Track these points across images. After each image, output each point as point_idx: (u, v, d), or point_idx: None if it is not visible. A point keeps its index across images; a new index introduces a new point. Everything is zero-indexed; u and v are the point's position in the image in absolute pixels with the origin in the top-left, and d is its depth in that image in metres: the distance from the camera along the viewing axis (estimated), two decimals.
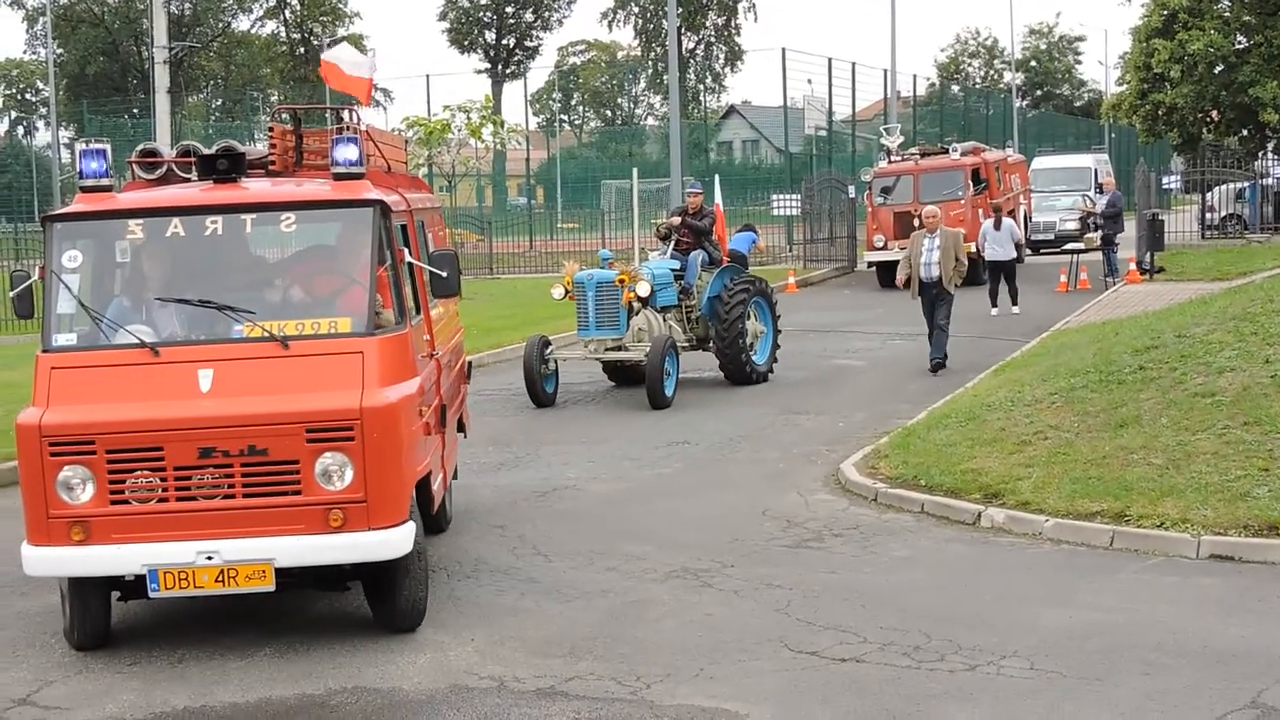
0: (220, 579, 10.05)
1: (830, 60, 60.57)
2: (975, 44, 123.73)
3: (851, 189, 47.62)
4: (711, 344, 23.12)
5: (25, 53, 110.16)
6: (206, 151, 11.57)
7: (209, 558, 9.97)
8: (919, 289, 23.53)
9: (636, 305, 22.05)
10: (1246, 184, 47.34)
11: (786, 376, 23.93)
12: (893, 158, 41.44)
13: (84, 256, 10.81)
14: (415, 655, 10.28)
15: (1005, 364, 22.23)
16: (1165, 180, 56.28)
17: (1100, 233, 36.10)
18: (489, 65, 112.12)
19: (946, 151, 40.80)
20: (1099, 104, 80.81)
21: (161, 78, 39.83)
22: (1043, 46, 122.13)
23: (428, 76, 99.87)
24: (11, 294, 10.84)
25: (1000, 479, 14.38)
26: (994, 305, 31.32)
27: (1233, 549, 12.13)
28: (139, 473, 9.96)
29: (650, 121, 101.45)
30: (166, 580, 10.03)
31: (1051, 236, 46.18)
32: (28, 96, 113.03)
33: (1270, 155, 50.16)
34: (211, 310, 10.53)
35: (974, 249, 37.79)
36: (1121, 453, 14.38)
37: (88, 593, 10.59)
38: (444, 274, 11.36)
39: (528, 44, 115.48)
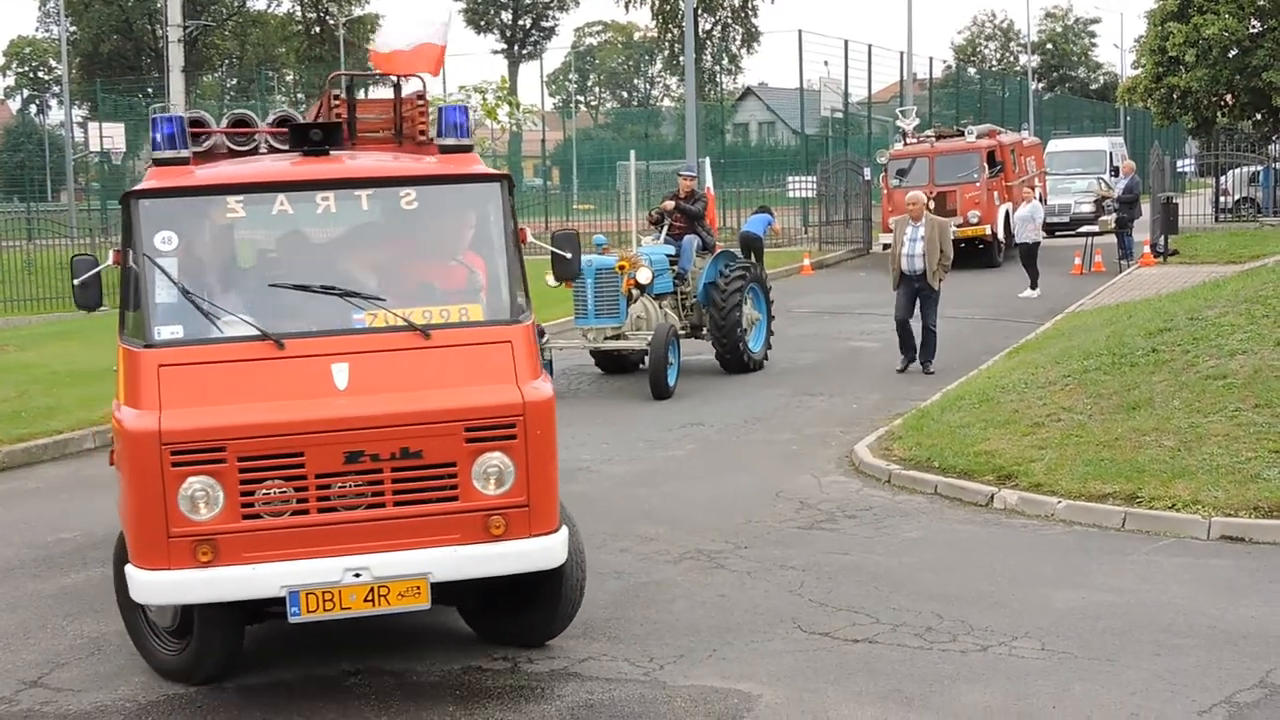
0: (370, 598, 8.89)
1: (846, 42, 60.45)
2: (991, 26, 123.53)
3: (867, 171, 47.56)
4: (707, 331, 22.88)
5: (38, 30, 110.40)
6: (299, 120, 10.65)
7: (356, 575, 8.82)
8: (898, 280, 21.88)
9: (635, 293, 21.79)
10: (1260, 168, 47.26)
11: (800, 359, 23.95)
12: (908, 140, 41.35)
13: (178, 238, 9.43)
14: (428, 636, 10.31)
15: (1019, 346, 22.24)
16: (1180, 164, 56.25)
17: (1116, 215, 36.07)
18: (505, 46, 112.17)
19: (962, 134, 40.73)
20: (1114, 87, 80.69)
21: (175, 56, 39.82)
22: (1059, 29, 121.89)
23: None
24: (75, 281, 9.59)
25: (1013, 461, 14.41)
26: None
27: (1243, 530, 12.17)
28: (271, 482, 8.76)
29: (666, 103, 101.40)
30: (309, 602, 8.80)
31: (1067, 219, 46.11)
32: (40, 75, 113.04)
33: None
34: (329, 297, 9.33)
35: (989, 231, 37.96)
36: (1134, 435, 14.40)
37: (217, 621, 9.35)
38: (568, 255, 10.39)
39: (544, 24, 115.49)
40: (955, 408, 17.04)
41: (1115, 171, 45.95)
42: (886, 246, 20.67)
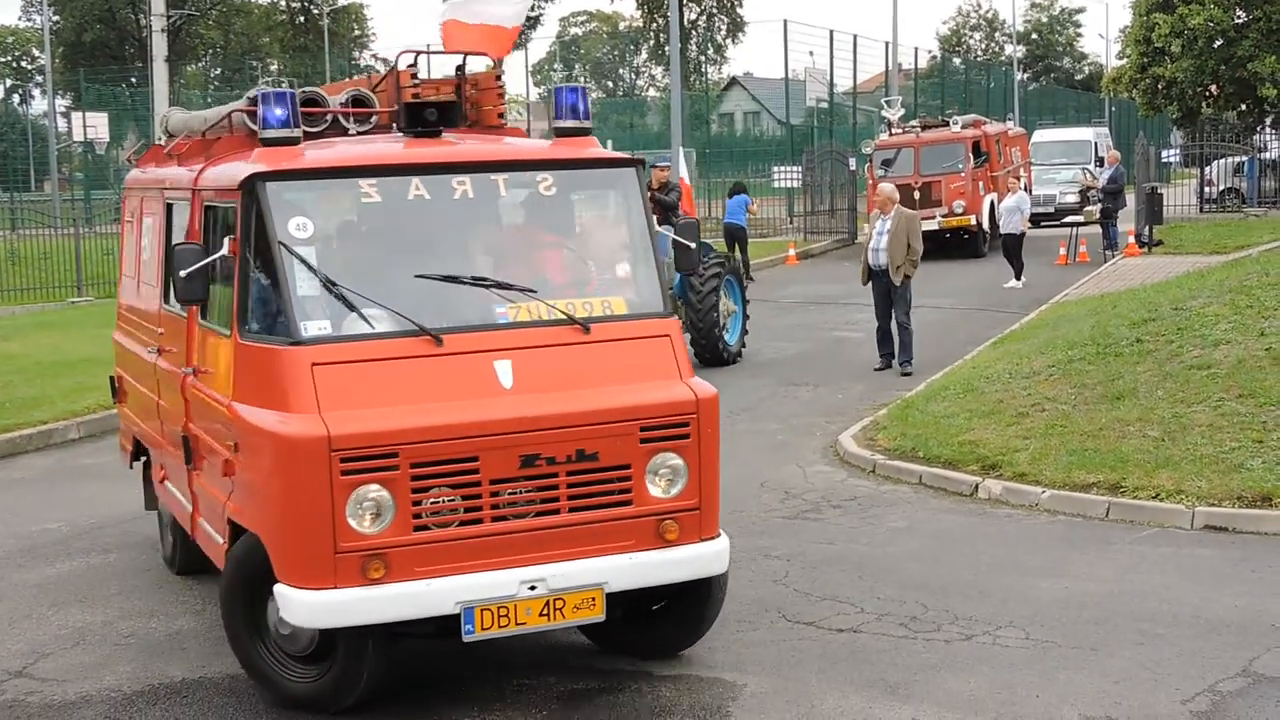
0: (545, 612, 8.39)
1: (832, 32, 60.43)
2: (977, 17, 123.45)
3: (852, 161, 47.55)
4: (683, 324, 22.63)
5: (20, 19, 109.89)
6: (371, 99, 10.30)
7: (532, 588, 8.30)
8: (868, 276, 21.12)
9: None
10: (1245, 158, 47.33)
11: (785, 349, 23.96)
12: (894, 130, 41.35)
13: (312, 225, 8.67)
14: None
15: (1003, 336, 22.27)
16: (1164, 154, 56.29)
17: (1100, 206, 36.09)
18: None
19: (947, 124, 40.74)
20: (1099, 77, 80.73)
21: (159, 46, 39.74)
22: (1044, 19, 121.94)
23: (428, 46, 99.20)
24: (181, 273, 8.70)
25: (997, 450, 14.43)
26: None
27: (1227, 520, 12.20)
28: (438, 490, 8.18)
29: (652, 93, 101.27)
30: (484, 619, 8.25)
31: (1051, 209, 46.14)
32: (23, 64, 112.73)
33: (1268, 129, 50.13)
34: (471, 289, 8.75)
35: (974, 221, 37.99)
36: (1118, 425, 14.44)
37: (366, 643, 8.53)
38: (691, 245, 9.75)
39: (529, 14, 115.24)
40: (940, 398, 17.06)
41: (1100, 162, 45.98)
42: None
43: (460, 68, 10.28)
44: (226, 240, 8.77)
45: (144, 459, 12.27)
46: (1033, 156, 47.71)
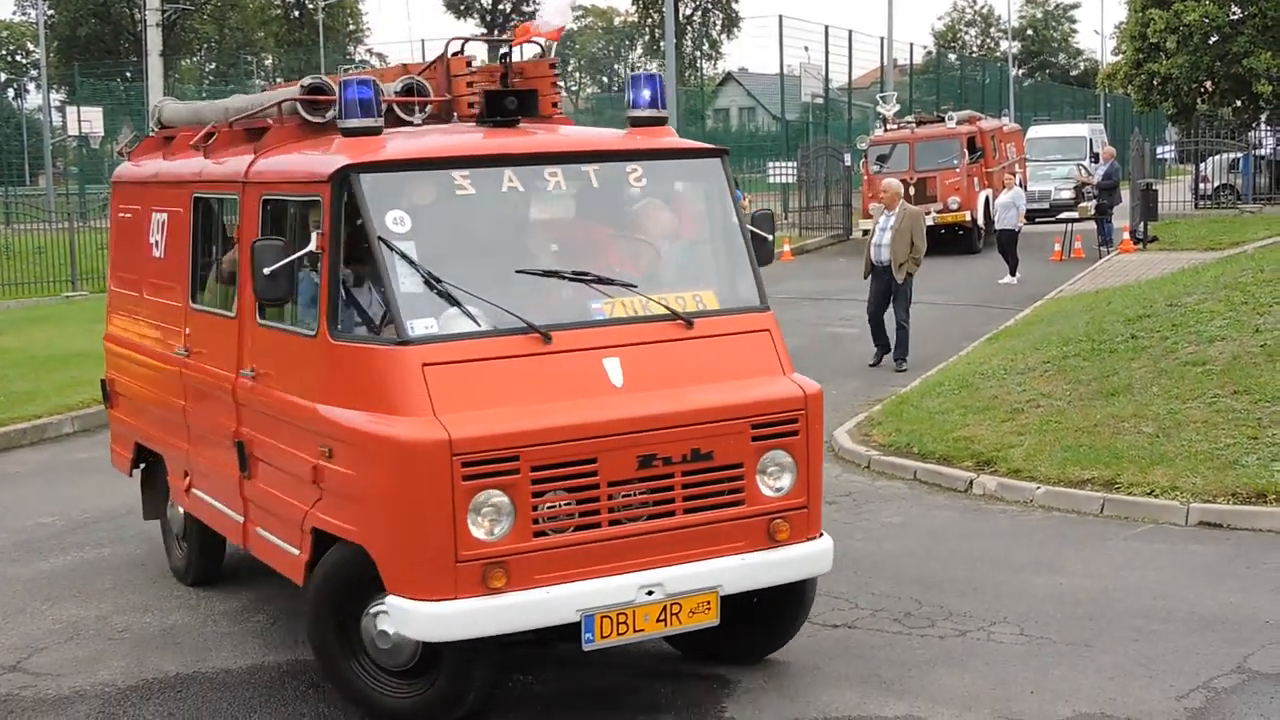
0: (662, 618, 8.12)
1: (827, 28, 60.35)
2: (972, 12, 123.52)
3: (847, 157, 47.50)
4: None
5: (15, 14, 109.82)
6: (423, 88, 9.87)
7: (650, 593, 8.04)
8: (868, 270, 21.01)
9: None
10: (1240, 154, 47.34)
11: None
12: (889, 126, 41.33)
13: (409, 219, 8.29)
14: None
15: (998, 332, 22.27)
16: (1159, 150, 56.32)
17: (1095, 202, 36.09)
18: (484, 29, 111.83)
19: (942, 120, 40.71)
20: (1095, 73, 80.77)
21: (154, 40, 39.72)
22: (1039, 15, 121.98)
23: (422, 41, 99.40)
24: (265, 271, 8.21)
25: (992, 446, 14.43)
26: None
27: (1221, 516, 12.20)
28: (554, 494, 7.89)
29: None
30: (604, 626, 7.96)
31: (1046, 205, 46.14)
32: (18, 58, 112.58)
33: (1264, 126, 50.14)
34: (565, 284, 8.47)
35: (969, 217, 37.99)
36: (1112, 421, 14.43)
37: (476, 655, 8.17)
38: (768, 237, 9.35)
39: (524, 9, 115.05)
40: (934, 393, 17.06)
41: (1095, 158, 45.98)
42: (866, 232, 20.12)
43: (505, 56, 9.89)
44: (314, 235, 8.32)
45: (142, 466, 11.96)
46: (1028, 152, 47.75)
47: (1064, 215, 40.38)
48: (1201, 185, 46.91)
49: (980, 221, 38.48)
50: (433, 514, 7.65)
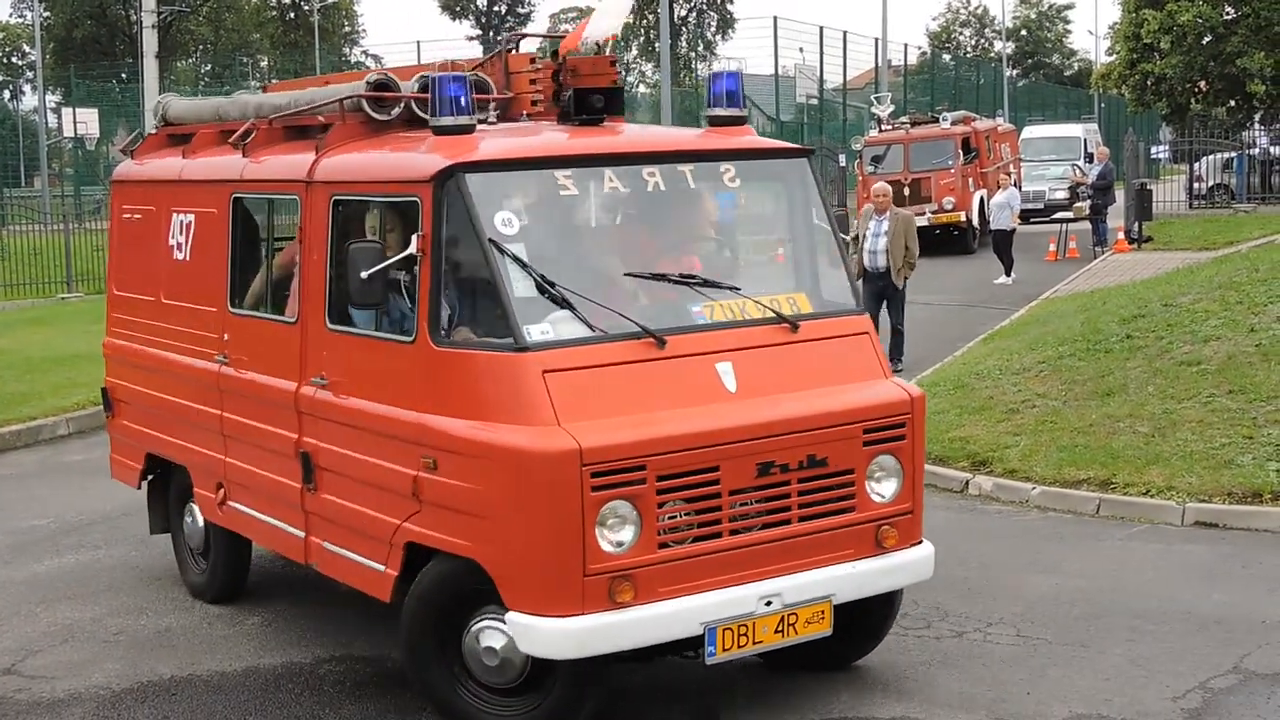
0: (780, 628, 7.95)
1: (822, 29, 60.54)
2: (966, 13, 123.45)
3: (842, 158, 47.48)
4: None
5: (11, 16, 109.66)
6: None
7: (768, 603, 7.86)
8: (861, 276, 19.65)
9: None
10: (1234, 154, 47.35)
11: None
12: (883, 126, 41.31)
13: (518, 220, 8.04)
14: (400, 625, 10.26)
15: (994, 333, 22.27)
16: (1154, 150, 56.30)
17: (1090, 202, 36.11)
18: (480, 32, 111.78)
19: (937, 120, 40.73)
20: (1089, 74, 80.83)
21: (149, 42, 39.70)
22: (1033, 16, 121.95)
23: (418, 43, 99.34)
24: (362, 275, 7.97)
25: (988, 447, 14.43)
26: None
27: (1217, 516, 12.21)
28: (673, 503, 7.64)
29: (642, 89, 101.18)
30: (725, 639, 7.77)
31: (1041, 205, 46.15)
32: (14, 60, 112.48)
33: (1257, 126, 50.15)
34: (670, 287, 8.25)
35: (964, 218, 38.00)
36: (1108, 421, 14.44)
37: (586, 671, 7.87)
38: (849, 239, 9.33)
39: (520, 10, 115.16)
40: (930, 394, 17.03)
41: (1090, 158, 45.97)
42: (856, 239, 19.93)
43: (555, 52, 9.77)
44: (414, 238, 7.97)
45: (150, 478, 11.54)
46: (1022, 153, 47.72)
47: (1058, 215, 40.41)
48: (1196, 185, 46.88)
49: (975, 222, 38.48)
50: (560, 527, 7.39)
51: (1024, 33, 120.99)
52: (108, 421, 12.22)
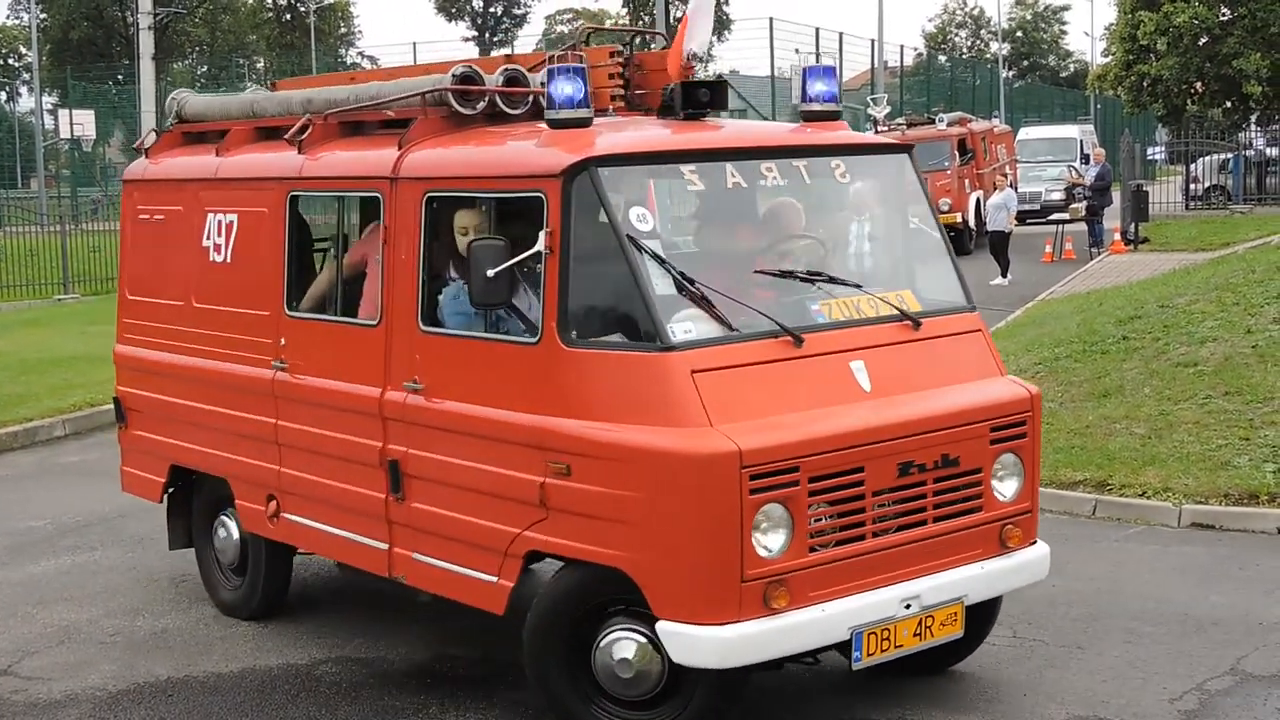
0: (918, 632, 7.83)
1: (818, 30, 60.40)
2: (962, 14, 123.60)
3: None
4: None
5: (8, 18, 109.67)
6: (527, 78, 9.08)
7: (907, 605, 7.72)
8: None
9: None
10: (1230, 155, 47.39)
11: None
12: (879, 128, 41.29)
13: (651, 216, 7.84)
14: (401, 625, 10.27)
15: (990, 334, 22.21)
16: (1150, 151, 56.32)
17: (1086, 203, 36.13)
18: (476, 33, 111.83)
19: (933, 122, 40.80)
20: (1085, 75, 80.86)
21: (146, 44, 39.72)
22: (1028, 17, 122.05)
23: (414, 45, 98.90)
24: (489, 273, 7.65)
25: None
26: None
27: (1213, 517, 12.20)
28: (820, 505, 7.45)
29: None
30: (870, 644, 7.62)
31: (1037, 207, 46.19)
32: (10, 62, 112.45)
33: (1254, 127, 50.24)
34: (786, 284, 8.08)
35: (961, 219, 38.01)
36: (1104, 422, 14.44)
37: (722, 680, 7.61)
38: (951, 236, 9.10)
39: (515, 12, 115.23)
40: None
41: (1086, 159, 46.04)
42: None
43: (628, 44, 9.58)
44: (542, 235, 7.63)
45: (171, 491, 11.04)
46: (1018, 154, 47.77)
47: (1054, 216, 40.44)
48: (1192, 186, 46.93)
49: (971, 223, 38.51)
50: (718, 531, 7.15)
51: (1020, 34, 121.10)
52: (119, 432, 11.56)
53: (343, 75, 11.33)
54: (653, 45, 9.69)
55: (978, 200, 38.30)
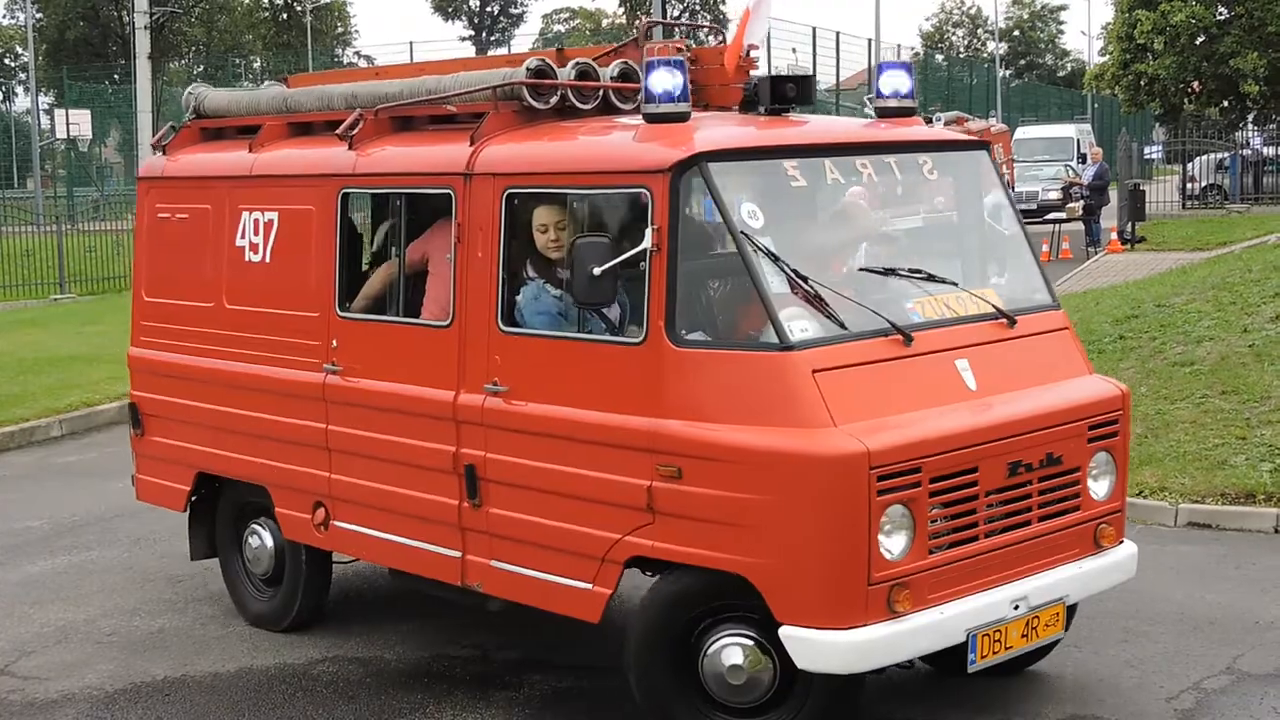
0: (1025, 633, 7.74)
1: (814, 29, 60.34)
2: (959, 13, 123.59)
3: None
4: None
5: (4, 17, 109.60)
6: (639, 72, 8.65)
7: (1016, 606, 7.61)
8: None
9: None
10: (1227, 154, 47.44)
11: None
12: None
13: (761, 212, 7.63)
14: (397, 624, 10.28)
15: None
16: (1147, 150, 56.41)
17: (1083, 202, 36.14)
18: (473, 33, 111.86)
19: (930, 121, 40.58)
20: (1082, 74, 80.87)
21: (142, 43, 39.68)
22: (1025, 16, 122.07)
23: (410, 44, 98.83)
24: (595, 271, 7.39)
25: None
26: None
27: (1210, 517, 12.19)
28: (938, 506, 7.31)
29: None
30: (983, 646, 7.50)
31: (1034, 206, 46.17)
32: (6, 61, 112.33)
33: (1251, 126, 50.28)
34: (883, 281, 7.96)
35: None
36: None
37: (840, 685, 7.44)
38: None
39: (512, 11, 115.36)
40: None
41: (1083, 158, 46.03)
42: None
43: (644, 32, 9.31)
44: (649, 232, 7.38)
45: (194, 499, 10.60)
46: (1015, 153, 47.75)
47: (1051, 216, 40.42)
48: (1189, 185, 47.00)
49: None
50: (846, 533, 6.98)
51: (1017, 33, 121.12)
52: (134, 439, 11.04)
53: (366, 70, 10.99)
54: (711, 40, 9.45)
55: None
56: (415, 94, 9.24)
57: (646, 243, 7.39)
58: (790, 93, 8.53)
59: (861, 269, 8.05)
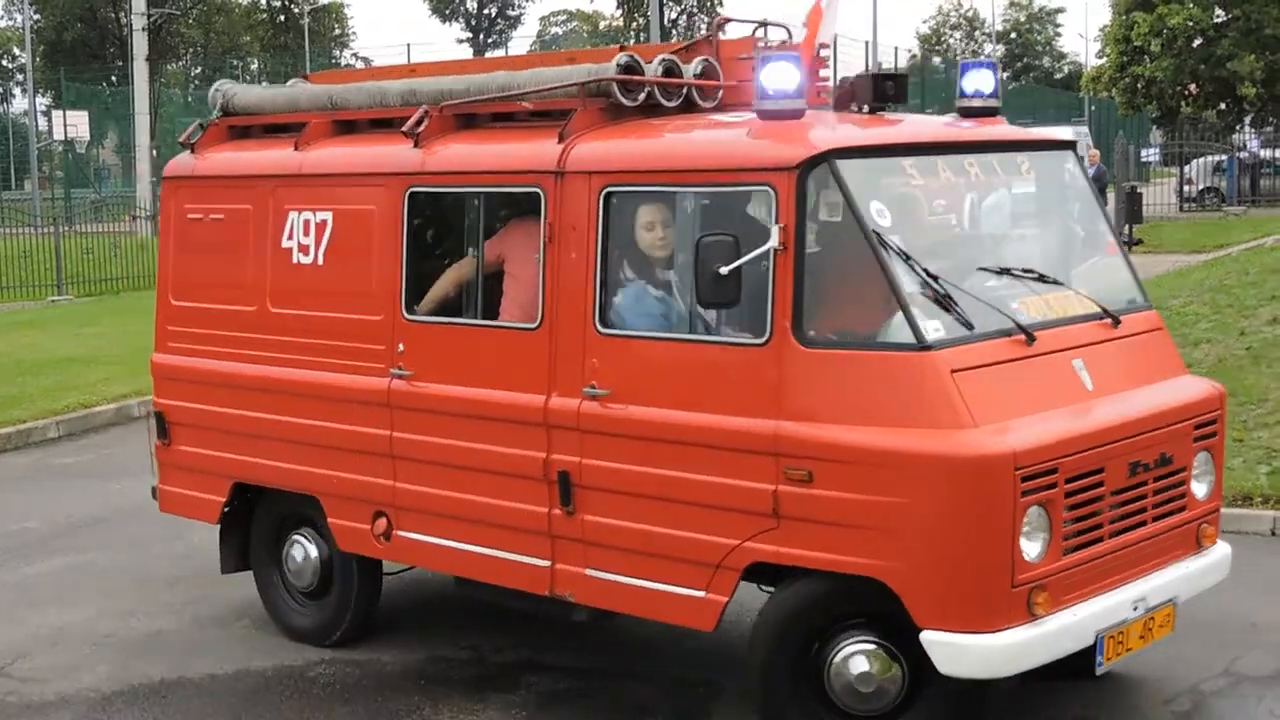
0: (1143, 634, 7.64)
1: None
2: (956, 16, 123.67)
3: None
4: None
5: (2, 19, 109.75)
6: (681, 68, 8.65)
7: (1135, 607, 7.50)
8: None
9: None
10: (1224, 157, 47.47)
11: None
12: None
13: (889, 211, 7.51)
14: (395, 626, 10.26)
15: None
16: (1144, 153, 56.43)
17: None
18: (470, 35, 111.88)
19: None
20: (1079, 76, 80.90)
21: (140, 45, 39.78)
22: (1023, 19, 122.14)
23: (408, 46, 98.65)
24: (722, 270, 7.17)
25: None
26: None
27: None
28: (1070, 506, 7.16)
29: None
30: (1109, 648, 7.39)
31: None
32: (4, 63, 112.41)
33: (1248, 128, 50.31)
34: (990, 282, 7.82)
35: None
36: None
37: (957, 689, 7.27)
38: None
39: (509, 13, 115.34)
40: None
41: (1080, 161, 46.03)
42: None
43: (717, 29, 9.17)
44: (775, 230, 7.20)
45: (227, 510, 10.18)
46: None
47: None
48: (1186, 188, 47.04)
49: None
50: (992, 535, 6.85)
51: (1014, 36, 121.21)
52: (158, 449, 10.56)
53: (402, 68, 10.50)
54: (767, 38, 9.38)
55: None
56: (485, 90, 8.96)
57: (773, 241, 7.22)
58: (889, 91, 8.38)
59: (980, 268, 7.85)
